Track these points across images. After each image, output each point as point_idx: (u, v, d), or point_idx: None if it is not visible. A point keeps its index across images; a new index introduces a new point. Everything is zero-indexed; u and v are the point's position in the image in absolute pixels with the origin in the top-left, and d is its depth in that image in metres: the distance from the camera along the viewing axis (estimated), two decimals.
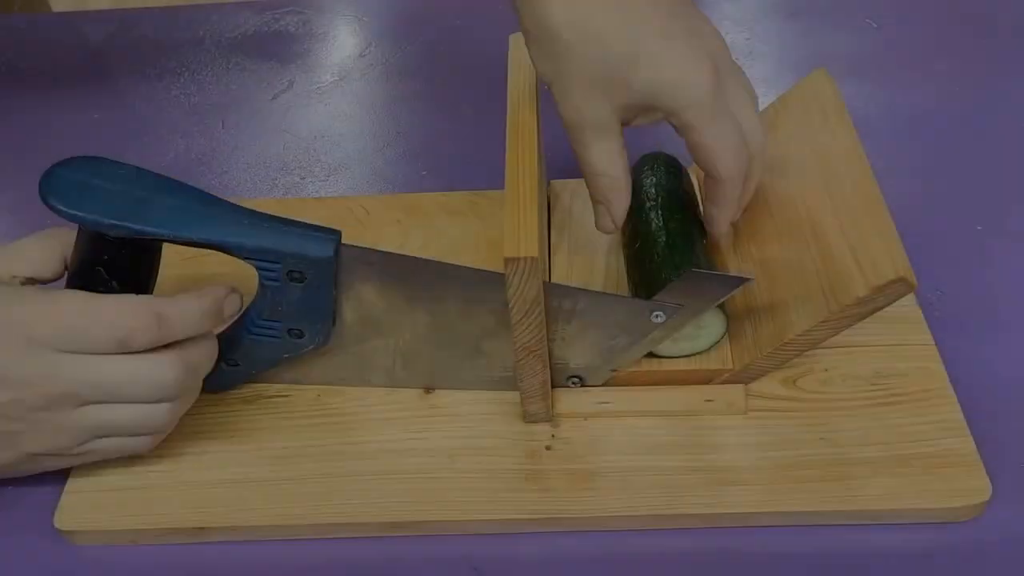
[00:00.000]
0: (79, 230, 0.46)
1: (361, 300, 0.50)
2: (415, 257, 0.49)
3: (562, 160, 0.59)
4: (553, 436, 0.52)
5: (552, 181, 0.64)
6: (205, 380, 0.51)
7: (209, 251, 0.46)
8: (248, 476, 0.51)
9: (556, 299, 0.49)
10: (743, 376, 0.53)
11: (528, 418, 0.53)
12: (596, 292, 0.50)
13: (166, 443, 0.51)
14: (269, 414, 0.54)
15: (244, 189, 0.71)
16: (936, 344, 0.56)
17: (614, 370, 0.53)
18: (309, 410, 0.54)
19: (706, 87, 0.47)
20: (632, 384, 0.54)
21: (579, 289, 0.49)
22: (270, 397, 0.55)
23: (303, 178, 0.72)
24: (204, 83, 0.81)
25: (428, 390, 0.55)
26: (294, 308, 0.49)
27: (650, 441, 0.52)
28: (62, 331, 0.44)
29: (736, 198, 0.51)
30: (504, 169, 0.48)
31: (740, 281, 0.48)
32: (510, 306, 0.46)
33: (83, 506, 0.50)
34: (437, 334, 0.52)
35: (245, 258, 0.46)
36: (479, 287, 0.49)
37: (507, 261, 0.43)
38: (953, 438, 0.51)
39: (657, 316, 0.49)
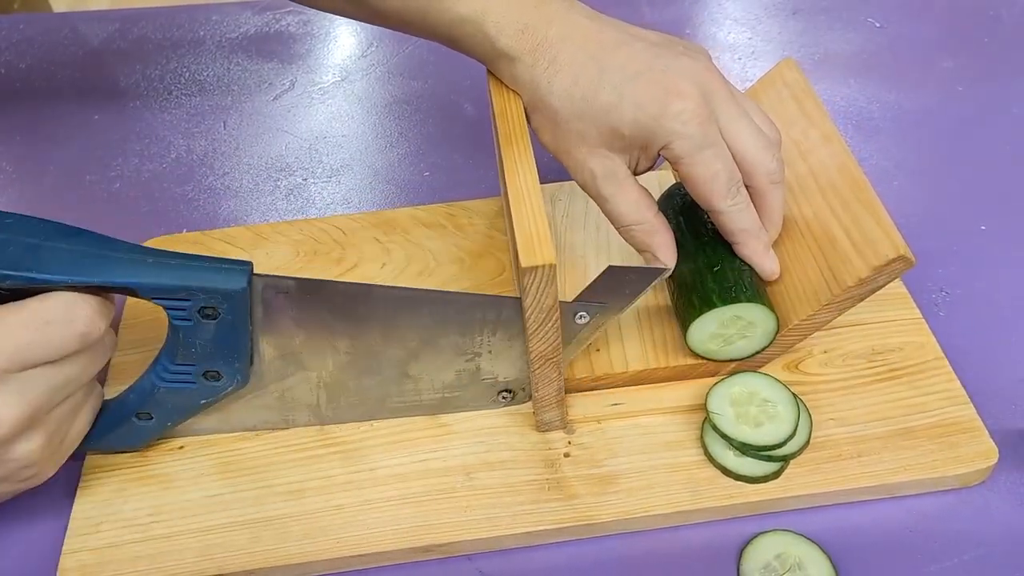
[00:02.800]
0: None
1: (279, 332, 0.48)
2: (331, 280, 0.47)
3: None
4: (570, 443, 0.52)
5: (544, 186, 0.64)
6: (115, 440, 0.50)
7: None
8: (257, 516, 0.50)
9: (480, 311, 0.48)
10: (749, 365, 0.54)
11: (542, 427, 0.53)
12: (515, 298, 0.48)
13: (165, 490, 0.50)
14: (270, 449, 0.53)
15: (246, 190, 0.71)
16: (940, 344, 0.56)
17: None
18: (311, 442, 0.53)
19: (691, 117, 0.46)
20: (641, 383, 0.54)
21: (502, 297, 0.48)
22: (270, 431, 0.54)
23: (305, 179, 0.72)
24: (205, 84, 0.81)
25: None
26: (209, 348, 0.46)
27: (666, 438, 0.52)
28: (19, 348, 0.41)
29: (747, 229, 0.50)
30: (493, 177, 0.48)
31: (658, 272, 0.48)
32: (526, 315, 0.45)
33: (83, 567, 0.48)
34: (361, 361, 0.50)
35: (152, 299, 0.44)
36: (401, 307, 0.48)
37: (525, 271, 0.43)
38: (954, 407, 0.53)
39: (581, 317, 0.48)
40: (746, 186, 0.50)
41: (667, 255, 0.50)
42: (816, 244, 0.51)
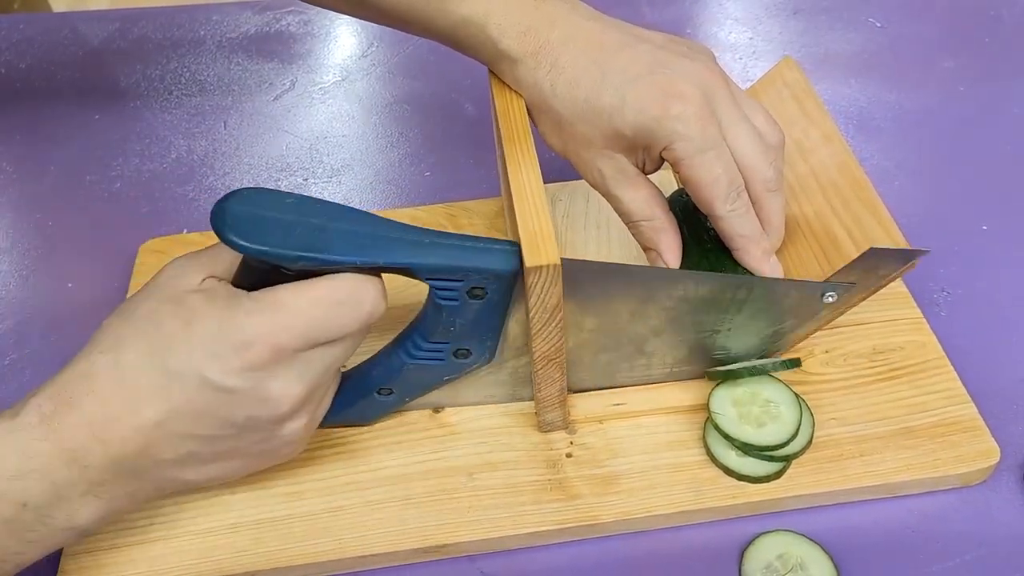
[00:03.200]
0: (241, 263, 0.44)
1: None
2: (591, 261, 0.47)
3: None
4: (572, 443, 0.52)
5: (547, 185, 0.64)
6: (353, 414, 0.51)
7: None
8: (258, 517, 0.50)
9: (730, 290, 0.48)
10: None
11: (544, 427, 0.53)
12: (771, 279, 0.49)
13: None
14: None
15: None
16: (942, 343, 0.56)
17: (780, 348, 0.53)
18: (314, 442, 0.52)
19: (691, 118, 0.46)
20: (643, 383, 0.54)
21: (755, 277, 0.49)
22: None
23: (306, 179, 0.72)
24: (205, 83, 0.81)
25: (437, 409, 0.54)
26: (467, 327, 0.47)
27: (668, 438, 0.52)
28: (310, 328, 0.42)
29: (747, 235, 0.49)
30: (494, 177, 0.48)
31: (916, 254, 0.47)
32: (531, 315, 0.45)
33: (83, 569, 0.48)
34: (602, 339, 0.50)
35: (426, 279, 0.44)
36: (654, 286, 0.48)
37: (529, 270, 0.43)
38: (956, 406, 0.53)
39: (829, 296, 0.49)
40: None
41: (672, 255, 0.50)
42: (817, 244, 0.50)
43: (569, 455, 0.52)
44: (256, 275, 0.43)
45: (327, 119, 0.77)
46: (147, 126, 0.77)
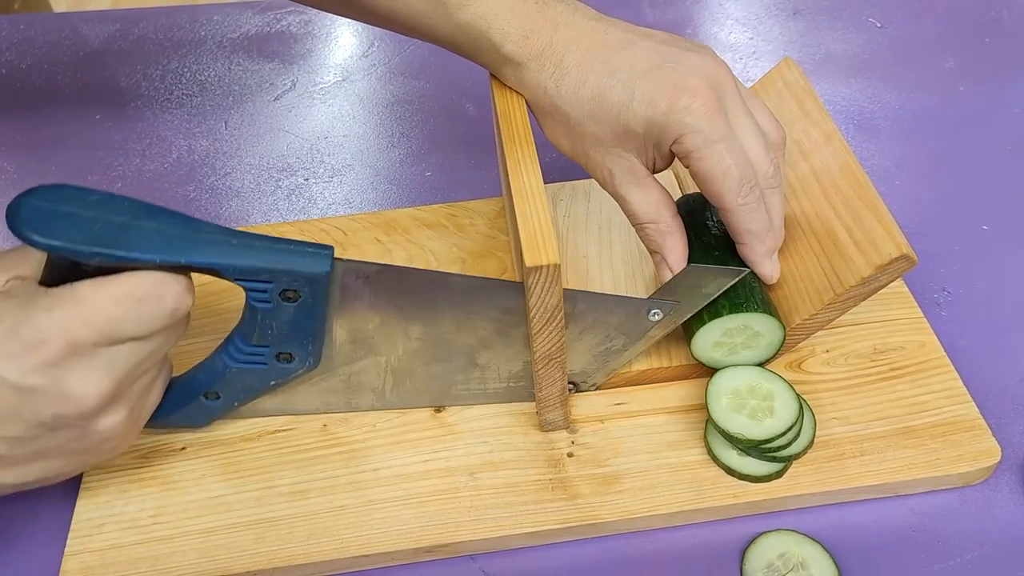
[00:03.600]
0: (47, 261, 0.43)
1: (354, 316, 0.48)
2: (412, 268, 0.47)
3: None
4: (573, 442, 0.52)
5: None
6: (181, 418, 0.50)
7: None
8: (260, 517, 0.50)
9: None
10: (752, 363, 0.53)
11: (546, 427, 0.53)
12: (594, 293, 0.49)
13: (167, 491, 0.50)
14: (274, 450, 0.53)
15: (247, 190, 0.71)
16: (942, 343, 0.56)
17: (609, 373, 0.53)
18: (315, 442, 0.53)
19: (700, 111, 0.46)
20: (644, 383, 0.54)
21: (577, 291, 0.49)
22: (273, 432, 0.53)
23: (306, 179, 0.72)
24: (206, 84, 0.81)
25: (438, 409, 0.54)
26: (285, 330, 0.47)
27: (669, 437, 0.52)
28: (109, 323, 0.41)
29: (755, 232, 0.49)
30: (495, 177, 0.48)
31: (737, 273, 0.48)
32: (531, 315, 0.45)
33: (85, 568, 0.48)
34: (431, 348, 0.50)
35: (235, 279, 0.44)
36: (478, 296, 0.48)
37: (529, 270, 0.43)
38: (956, 405, 0.53)
39: (655, 314, 0.49)
40: None
41: (676, 260, 0.50)
42: (818, 243, 0.51)
43: (570, 454, 0.52)
44: (59, 273, 0.42)
45: (328, 119, 0.77)
46: (148, 126, 0.77)
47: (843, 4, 0.86)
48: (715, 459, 0.51)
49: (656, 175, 0.51)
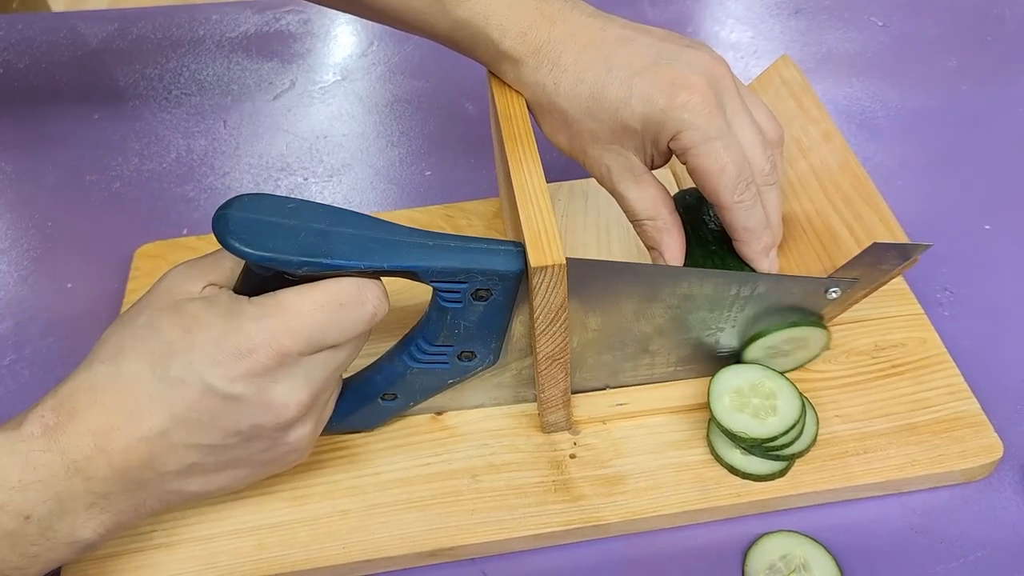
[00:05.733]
0: (243, 269, 0.43)
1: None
2: (597, 259, 0.46)
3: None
4: (575, 444, 0.52)
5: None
6: (356, 421, 0.50)
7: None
8: (261, 523, 0.49)
9: (734, 286, 0.48)
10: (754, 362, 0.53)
11: (548, 428, 0.52)
12: (775, 275, 0.49)
13: None
14: None
15: (246, 190, 0.71)
16: (945, 342, 0.56)
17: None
18: (316, 446, 0.52)
19: (698, 107, 0.46)
20: (646, 383, 0.54)
21: (758, 274, 0.49)
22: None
23: (306, 179, 0.72)
24: (205, 83, 0.81)
25: (439, 412, 0.54)
26: (472, 329, 0.47)
27: (671, 437, 0.52)
28: (314, 331, 0.41)
29: (751, 229, 0.49)
30: (496, 177, 0.48)
31: (918, 248, 0.47)
32: (535, 316, 0.45)
33: None
34: (606, 338, 0.50)
35: (431, 281, 0.44)
36: (662, 283, 0.47)
37: (534, 271, 0.43)
38: (958, 402, 0.53)
39: (833, 292, 0.49)
40: None
41: (674, 256, 0.50)
42: (819, 241, 0.50)
43: (573, 456, 0.51)
44: (258, 281, 0.42)
45: (327, 119, 0.77)
46: (146, 126, 0.77)
47: (844, 3, 0.86)
48: (718, 459, 0.50)
49: (654, 171, 0.50)
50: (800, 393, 0.50)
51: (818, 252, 0.50)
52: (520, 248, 0.44)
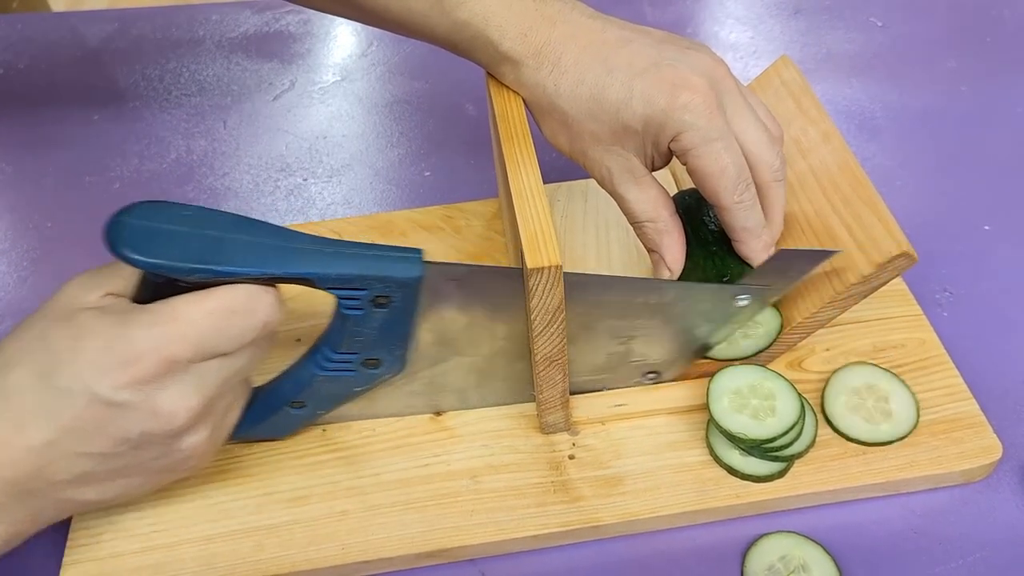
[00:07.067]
0: (141, 278, 0.43)
1: (441, 319, 0.48)
2: (502, 267, 0.47)
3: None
4: (574, 444, 0.52)
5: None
6: (265, 429, 0.50)
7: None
8: (260, 523, 0.49)
9: (642, 294, 0.48)
10: (752, 363, 0.53)
11: (547, 429, 0.52)
12: (682, 282, 0.49)
13: (166, 497, 0.50)
14: (274, 456, 0.52)
15: (246, 191, 0.71)
16: (944, 343, 0.56)
17: (691, 362, 0.53)
18: (315, 447, 0.52)
19: (699, 108, 0.46)
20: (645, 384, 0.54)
21: (665, 281, 0.49)
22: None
23: (305, 179, 0.72)
24: (204, 83, 0.81)
25: (438, 413, 0.54)
26: (375, 336, 0.46)
27: (670, 438, 0.52)
28: (204, 338, 0.41)
29: (750, 229, 0.49)
30: (494, 177, 0.48)
31: (827, 254, 0.48)
32: (532, 317, 0.45)
33: None
34: (516, 347, 0.50)
35: (328, 288, 0.44)
36: (568, 291, 0.47)
37: (531, 272, 0.43)
38: (957, 403, 0.53)
39: (742, 299, 0.49)
40: None
41: (673, 258, 0.50)
42: (818, 241, 0.50)
43: (572, 457, 0.51)
44: (155, 289, 0.42)
45: (327, 119, 0.77)
46: (146, 126, 0.77)
47: (844, 3, 0.86)
48: (717, 459, 0.50)
49: (654, 173, 0.50)
50: (799, 394, 0.50)
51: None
52: (419, 255, 0.44)
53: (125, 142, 0.75)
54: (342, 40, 0.85)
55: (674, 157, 0.49)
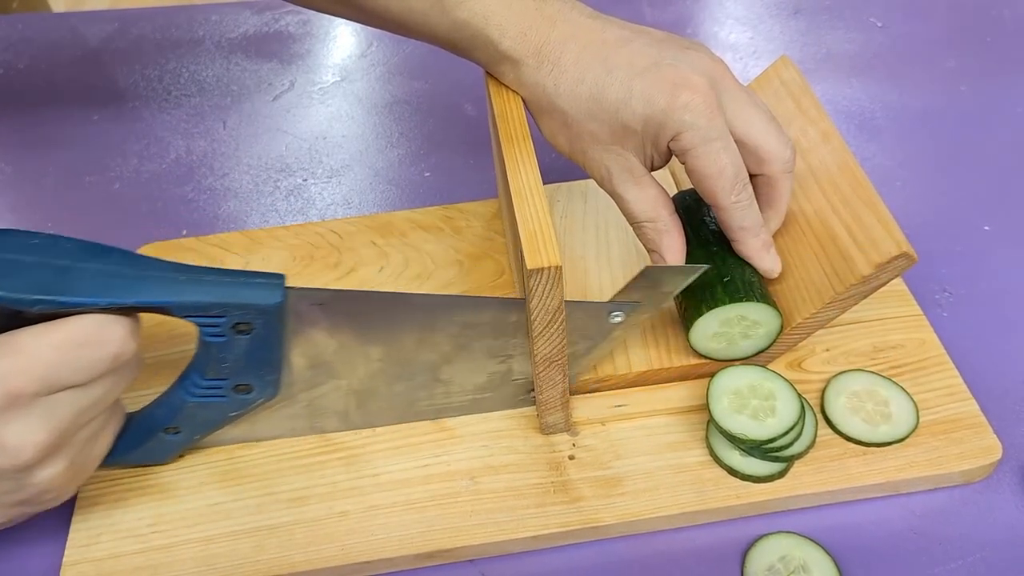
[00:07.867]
0: None
1: (311, 343, 0.47)
2: (366, 291, 0.46)
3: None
4: (574, 445, 0.52)
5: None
6: (140, 456, 0.49)
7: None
8: (260, 524, 0.49)
9: (514, 313, 0.48)
10: (752, 363, 0.53)
11: (547, 430, 0.52)
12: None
13: (165, 499, 0.50)
14: (273, 456, 0.52)
15: (245, 191, 0.71)
16: (944, 344, 0.56)
17: (574, 379, 0.52)
18: (315, 448, 0.52)
19: (699, 107, 0.46)
20: (644, 384, 0.54)
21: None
22: (273, 439, 0.53)
23: (305, 180, 0.72)
24: (204, 84, 0.81)
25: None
26: (241, 362, 0.46)
27: (670, 439, 0.52)
28: (49, 371, 0.40)
29: (748, 228, 0.49)
30: (495, 178, 0.48)
31: (695, 270, 0.48)
32: (531, 317, 0.45)
33: None
34: (393, 368, 0.50)
35: (185, 316, 0.43)
36: (437, 313, 0.47)
37: (531, 272, 0.43)
38: (957, 403, 0.53)
39: (616, 316, 0.49)
40: (757, 175, 0.49)
41: (674, 257, 0.50)
42: (818, 242, 0.50)
43: (572, 457, 0.51)
44: (3, 321, 0.40)
45: (326, 119, 0.77)
46: (146, 126, 0.77)
47: (844, 3, 0.86)
48: (717, 460, 0.50)
49: (653, 173, 0.50)
50: (799, 394, 0.50)
51: (816, 253, 0.50)
52: (279, 280, 0.44)
53: (125, 142, 0.75)
54: (342, 40, 0.85)
55: (673, 157, 0.49)
